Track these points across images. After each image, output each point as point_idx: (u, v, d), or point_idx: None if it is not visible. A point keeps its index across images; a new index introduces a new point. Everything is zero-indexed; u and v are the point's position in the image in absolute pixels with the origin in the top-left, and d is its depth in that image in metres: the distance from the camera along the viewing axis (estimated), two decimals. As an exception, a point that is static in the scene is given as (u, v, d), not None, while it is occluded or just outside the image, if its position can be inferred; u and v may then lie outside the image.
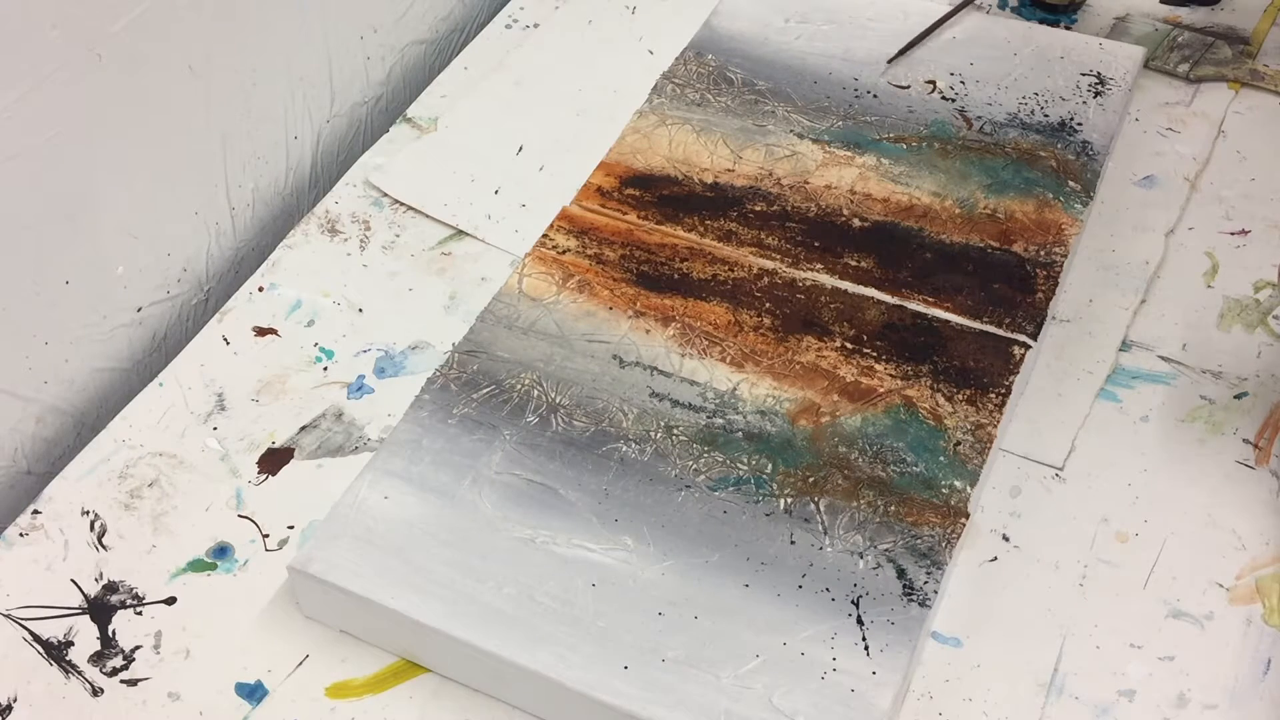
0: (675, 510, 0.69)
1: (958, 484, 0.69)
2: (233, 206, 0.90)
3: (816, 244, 0.82)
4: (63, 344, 0.79)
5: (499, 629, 0.64)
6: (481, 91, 0.98)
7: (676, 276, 0.81)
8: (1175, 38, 0.99)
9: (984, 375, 0.74)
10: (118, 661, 0.68)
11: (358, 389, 0.80)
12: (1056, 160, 0.86)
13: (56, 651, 0.68)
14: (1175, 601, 0.68)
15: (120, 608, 0.70)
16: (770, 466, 0.70)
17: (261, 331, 0.83)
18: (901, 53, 0.71)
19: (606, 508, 0.69)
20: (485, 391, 0.75)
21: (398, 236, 0.89)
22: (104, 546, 0.72)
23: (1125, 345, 0.80)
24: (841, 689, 0.61)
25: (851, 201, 0.85)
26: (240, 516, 0.73)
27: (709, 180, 0.87)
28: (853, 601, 0.64)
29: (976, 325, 0.77)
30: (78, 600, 0.70)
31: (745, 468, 0.70)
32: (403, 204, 0.90)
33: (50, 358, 0.78)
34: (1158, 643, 0.67)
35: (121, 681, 0.67)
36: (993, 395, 0.73)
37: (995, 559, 0.70)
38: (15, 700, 0.66)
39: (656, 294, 0.80)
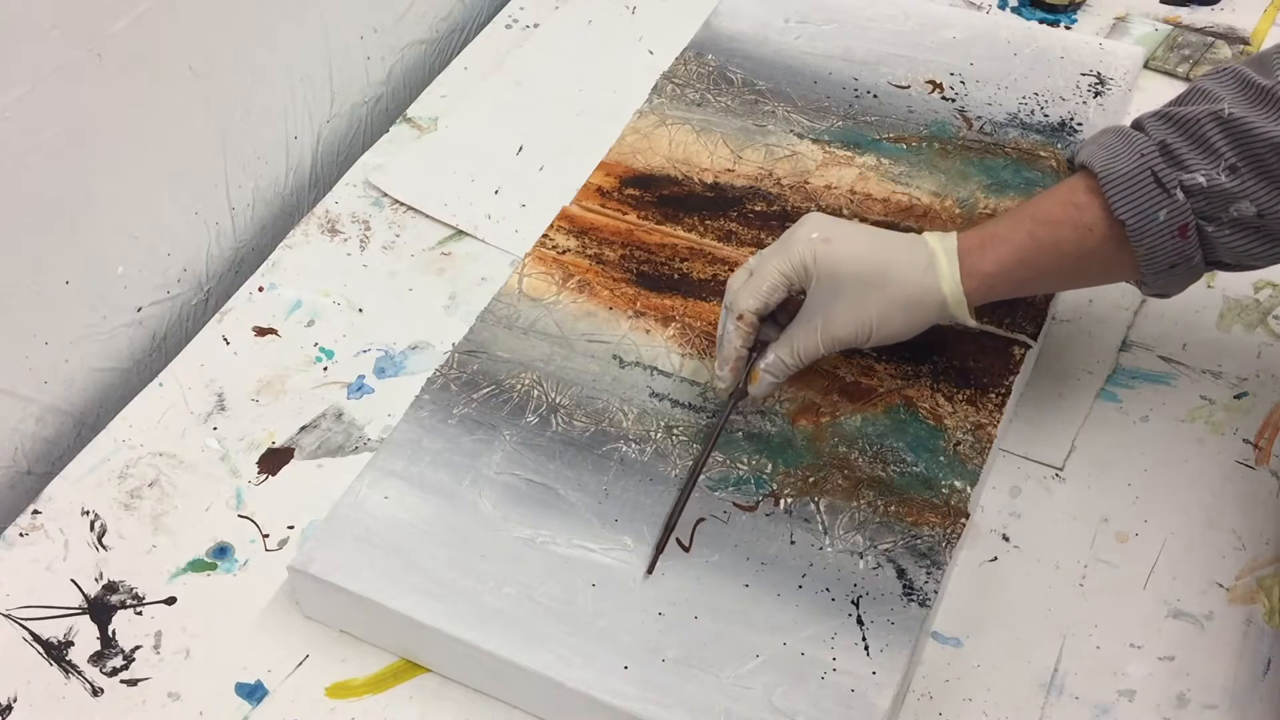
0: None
1: (958, 484, 0.69)
2: (233, 206, 0.90)
3: (816, 244, 0.82)
4: (63, 344, 0.79)
5: (499, 629, 0.64)
6: (481, 91, 0.98)
7: (676, 276, 0.81)
8: (1175, 38, 0.99)
9: (984, 375, 0.74)
10: (118, 661, 0.68)
11: (358, 389, 0.80)
12: (1056, 160, 0.86)
13: (56, 651, 0.68)
14: (1175, 601, 0.68)
15: (120, 608, 0.70)
16: (770, 466, 0.70)
17: (261, 331, 0.83)
18: (658, 552, 0.67)
19: (606, 508, 0.69)
20: (485, 391, 0.75)
21: (398, 236, 0.88)
22: (104, 546, 0.72)
23: (1125, 345, 0.80)
24: (841, 689, 0.61)
25: (851, 201, 0.85)
26: (240, 516, 0.73)
27: (709, 180, 0.87)
28: (853, 601, 0.64)
29: (976, 325, 0.77)
30: (78, 600, 0.70)
31: (745, 468, 0.70)
32: (403, 204, 0.90)
33: (50, 358, 0.78)
34: (1158, 643, 0.67)
35: (121, 681, 0.67)
36: (993, 395, 0.73)
37: (995, 559, 0.70)
38: (15, 700, 0.66)
39: (656, 294, 0.80)
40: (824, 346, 0.69)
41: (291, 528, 0.73)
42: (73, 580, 0.71)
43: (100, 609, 0.70)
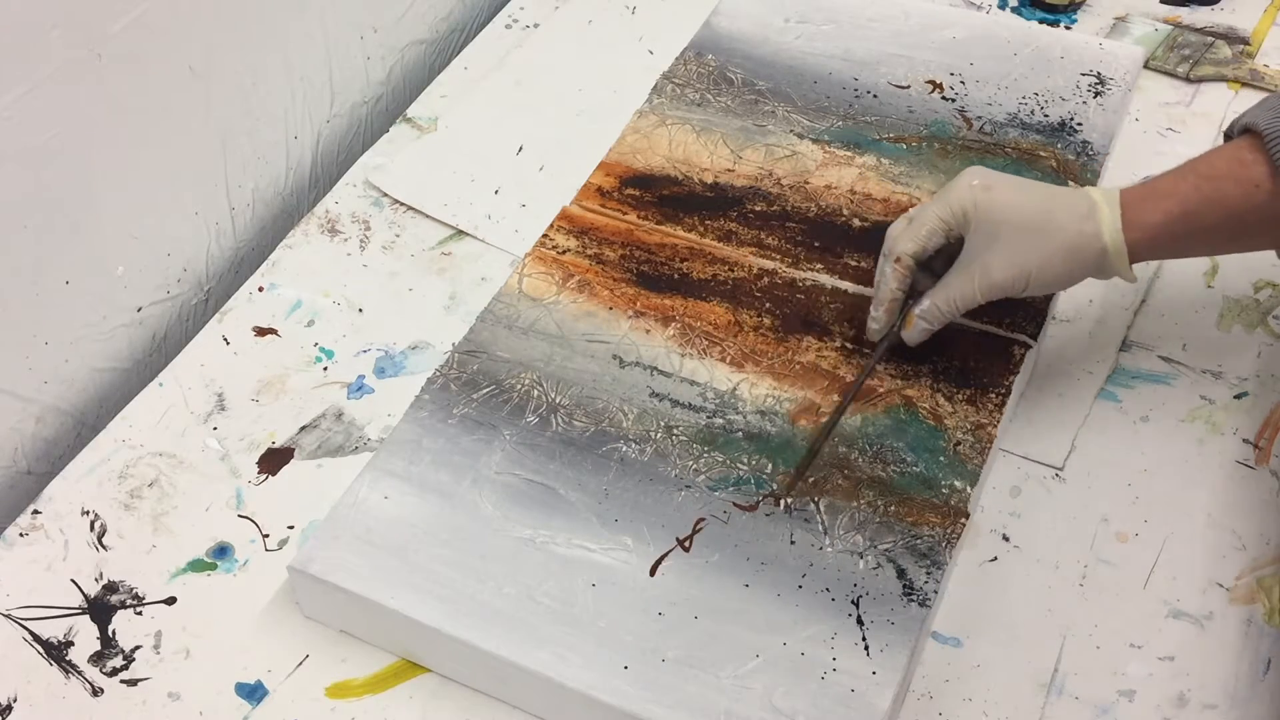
0: (675, 510, 0.69)
1: (958, 484, 0.69)
2: (233, 206, 0.90)
3: (816, 244, 0.82)
4: (63, 344, 0.79)
5: (499, 629, 0.64)
6: (481, 91, 0.98)
7: (676, 276, 0.81)
8: (1175, 38, 0.99)
9: (984, 375, 0.74)
10: (118, 661, 0.68)
11: (358, 389, 0.80)
12: (1056, 160, 0.86)
13: (56, 651, 0.68)
14: (1175, 601, 0.68)
15: (120, 608, 0.70)
16: (770, 466, 0.70)
17: (261, 331, 0.83)
18: (799, 475, 0.69)
19: (606, 508, 0.69)
20: (485, 391, 0.75)
21: (398, 236, 0.89)
22: (104, 546, 0.72)
23: (1125, 345, 0.80)
24: (841, 689, 0.61)
25: (851, 201, 0.85)
26: (240, 516, 0.73)
27: (709, 180, 0.87)
28: (853, 601, 0.64)
29: (976, 325, 0.77)
30: (78, 600, 0.70)
31: (745, 468, 0.70)
32: (403, 204, 0.90)
33: (50, 358, 0.78)
34: (1158, 643, 0.67)
35: (121, 681, 0.67)
36: (993, 395, 0.73)
37: (995, 559, 0.70)
38: (15, 700, 0.66)
39: (656, 294, 0.80)
40: (981, 294, 0.69)
41: (291, 528, 0.73)
42: (73, 580, 0.71)
43: (100, 609, 0.70)
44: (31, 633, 0.69)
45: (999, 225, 0.68)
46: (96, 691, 0.67)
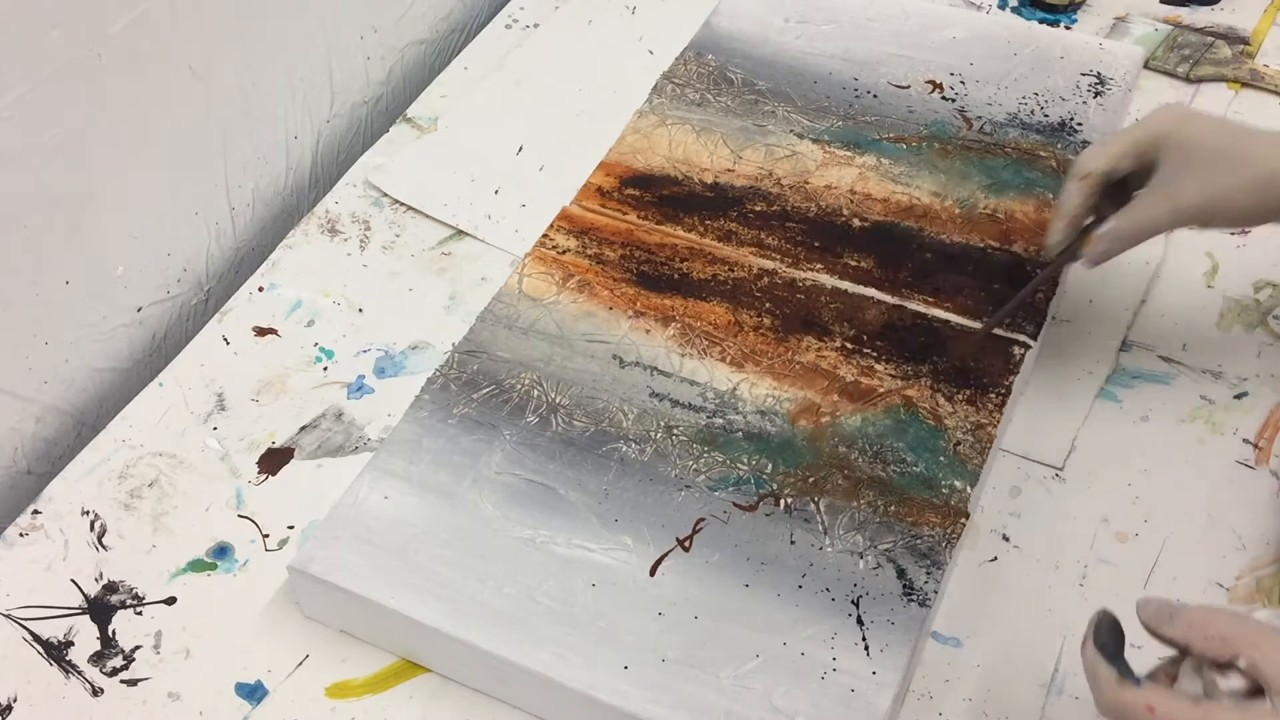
0: (675, 510, 0.69)
1: (958, 484, 0.69)
2: (233, 206, 0.90)
3: (816, 244, 0.82)
4: (63, 344, 0.79)
5: (499, 629, 0.64)
6: (481, 91, 0.98)
7: (676, 276, 0.81)
8: (1175, 38, 0.99)
9: (984, 375, 0.74)
10: (118, 661, 0.68)
11: (358, 389, 0.80)
12: (1056, 160, 0.86)
13: (56, 651, 0.68)
14: (1175, 601, 0.68)
15: (120, 608, 0.70)
16: (770, 466, 0.70)
17: (261, 331, 0.83)
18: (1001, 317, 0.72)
19: (606, 508, 0.69)
20: (485, 391, 0.75)
21: (398, 236, 0.89)
22: (104, 546, 0.72)
23: (1125, 345, 0.80)
24: (841, 689, 0.61)
25: (851, 201, 0.85)
26: (240, 516, 0.73)
27: (709, 180, 0.87)
28: (853, 601, 0.64)
29: (977, 325, 0.77)
30: (78, 600, 0.70)
31: (745, 468, 0.70)
32: (403, 204, 0.90)
33: (50, 358, 0.78)
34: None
35: (121, 681, 0.67)
36: (993, 395, 0.73)
37: (995, 559, 0.70)
38: (15, 700, 0.66)
39: (656, 294, 0.80)
40: (1166, 219, 0.68)
41: (291, 528, 0.73)
42: (73, 580, 0.71)
43: (100, 609, 0.70)
44: (31, 633, 0.69)
45: (1192, 152, 0.67)
46: (96, 691, 0.67)
